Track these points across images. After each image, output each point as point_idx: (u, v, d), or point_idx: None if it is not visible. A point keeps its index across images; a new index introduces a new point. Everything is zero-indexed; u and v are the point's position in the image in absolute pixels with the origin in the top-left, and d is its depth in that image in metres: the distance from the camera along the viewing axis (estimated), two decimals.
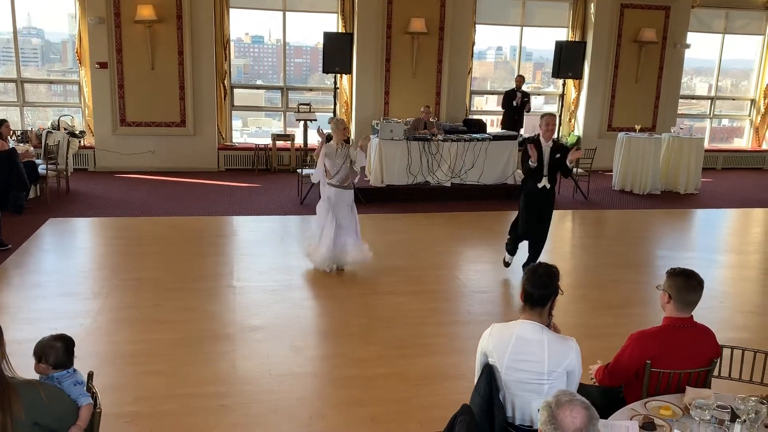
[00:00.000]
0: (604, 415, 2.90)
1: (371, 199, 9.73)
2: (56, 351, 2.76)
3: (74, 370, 2.81)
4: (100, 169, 11.37)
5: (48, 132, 10.05)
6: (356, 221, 6.73)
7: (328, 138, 6.76)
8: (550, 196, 6.61)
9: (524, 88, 12.03)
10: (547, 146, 6.39)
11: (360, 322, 5.58)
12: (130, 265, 6.83)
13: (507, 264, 6.96)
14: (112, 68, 10.97)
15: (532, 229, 6.67)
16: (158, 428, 3.90)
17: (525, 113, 11.95)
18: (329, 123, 7.93)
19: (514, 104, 11.68)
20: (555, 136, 6.57)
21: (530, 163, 6.33)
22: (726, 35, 13.94)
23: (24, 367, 2.79)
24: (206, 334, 5.19)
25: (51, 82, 12.34)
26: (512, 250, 6.91)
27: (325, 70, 10.63)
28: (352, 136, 11.50)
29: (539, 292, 2.92)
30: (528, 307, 2.95)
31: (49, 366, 2.76)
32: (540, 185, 6.50)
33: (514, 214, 9.35)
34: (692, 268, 3.19)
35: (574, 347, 2.90)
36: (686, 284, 3.11)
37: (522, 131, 12.06)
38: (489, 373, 2.92)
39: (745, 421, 2.75)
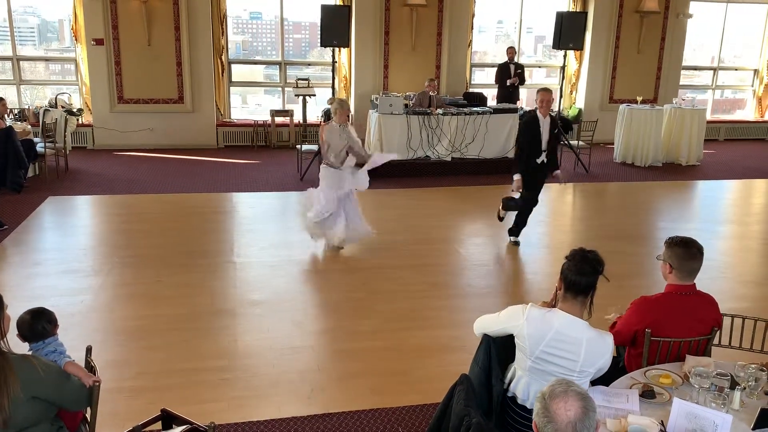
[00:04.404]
0: (605, 383, 2.90)
1: (371, 174, 9.62)
2: (25, 324, 2.78)
3: (51, 341, 2.80)
4: (98, 146, 11.32)
5: (45, 110, 9.98)
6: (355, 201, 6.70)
7: (327, 116, 6.72)
8: (545, 168, 6.61)
9: (523, 60, 11.86)
10: (545, 122, 6.38)
11: (360, 296, 5.58)
12: (130, 242, 6.82)
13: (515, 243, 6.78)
14: (109, 45, 10.86)
15: (528, 200, 6.75)
16: (160, 402, 3.90)
17: (519, 85, 11.82)
18: (329, 103, 7.83)
19: (508, 83, 11.52)
20: (554, 110, 6.63)
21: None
22: (729, 4, 13.75)
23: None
24: (207, 310, 5.20)
25: (47, 59, 12.23)
26: (517, 231, 6.84)
27: (323, 44, 10.52)
28: (352, 112, 11.40)
29: (587, 279, 2.72)
30: (570, 296, 2.76)
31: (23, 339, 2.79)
32: (539, 161, 6.51)
33: None
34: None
35: (610, 346, 2.76)
36: (686, 253, 3.10)
37: (520, 104, 11.93)
38: (488, 344, 2.92)
39: (744, 388, 2.75)
